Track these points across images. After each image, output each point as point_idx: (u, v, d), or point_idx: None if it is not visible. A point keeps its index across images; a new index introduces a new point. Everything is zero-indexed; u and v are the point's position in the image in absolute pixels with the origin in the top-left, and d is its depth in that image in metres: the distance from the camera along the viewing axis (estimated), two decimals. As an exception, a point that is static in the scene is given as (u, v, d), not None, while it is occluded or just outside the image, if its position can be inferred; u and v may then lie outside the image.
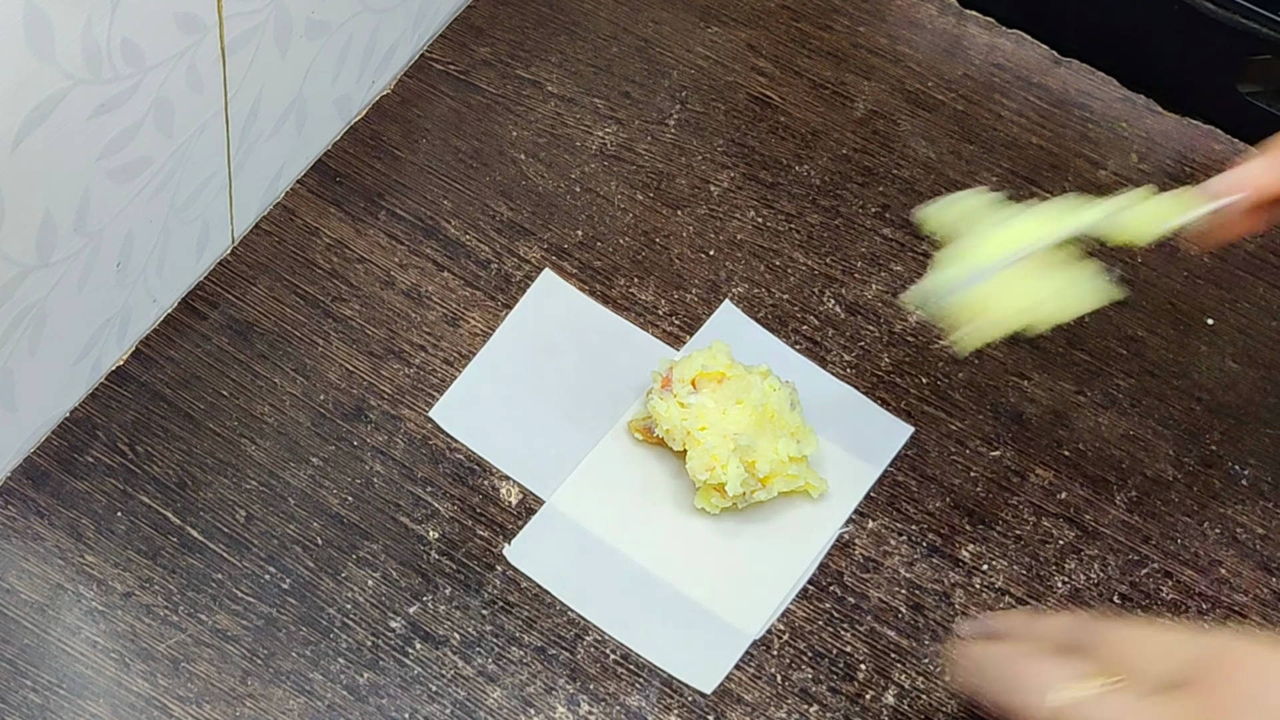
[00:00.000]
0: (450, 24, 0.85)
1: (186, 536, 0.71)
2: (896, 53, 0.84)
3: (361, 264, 0.78)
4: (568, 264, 0.78)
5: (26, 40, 0.58)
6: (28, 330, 0.67)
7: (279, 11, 0.71)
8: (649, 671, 0.69)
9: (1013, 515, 0.72)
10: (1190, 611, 0.70)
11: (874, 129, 0.82)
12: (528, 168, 0.81)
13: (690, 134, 0.82)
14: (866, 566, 0.70)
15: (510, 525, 0.71)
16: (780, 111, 0.83)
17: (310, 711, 0.67)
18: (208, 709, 0.67)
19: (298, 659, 0.68)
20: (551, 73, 0.83)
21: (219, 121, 0.72)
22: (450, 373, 0.75)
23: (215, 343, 0.76)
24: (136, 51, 0.64)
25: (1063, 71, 0.84)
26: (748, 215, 0.79)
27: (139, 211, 0.70)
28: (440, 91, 0.83)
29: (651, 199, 0.80)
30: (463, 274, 0.77)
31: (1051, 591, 0.70)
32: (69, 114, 0.62)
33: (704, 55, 0.84)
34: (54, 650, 0.68)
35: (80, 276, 0.69)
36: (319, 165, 0.80)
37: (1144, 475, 0.73)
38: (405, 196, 0.80)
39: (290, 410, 0.74)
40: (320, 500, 0.72)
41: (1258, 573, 0.71)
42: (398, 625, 0.69)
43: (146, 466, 0.72)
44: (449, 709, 0.68)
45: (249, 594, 0.70)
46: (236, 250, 0.78)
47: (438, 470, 0.73)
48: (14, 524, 0.71)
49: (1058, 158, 0.81)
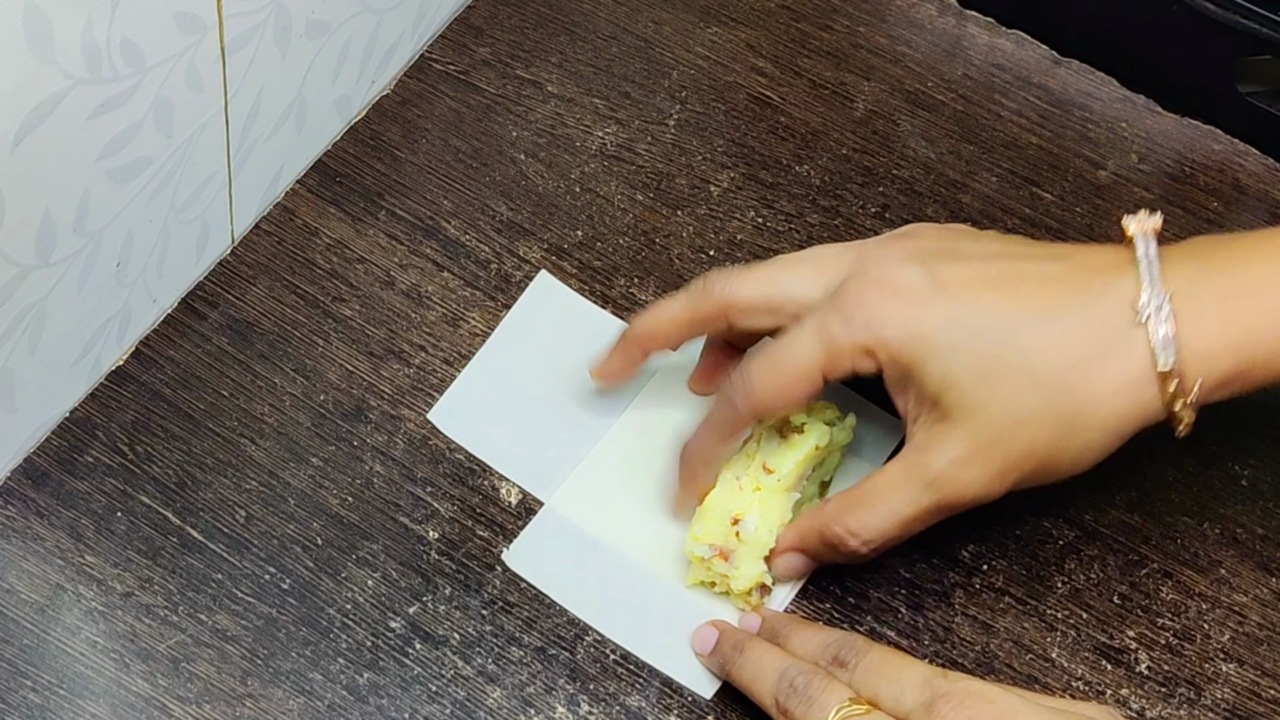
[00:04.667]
0: (450, 24, 0.85)
1: (186, 536, 0.71)
2: (896, 53, 0.84)
3: (361, 264, 0.78)
4: (567, 264, 0.78)
5: (26, 40, 0.58)
6: (28, 330, 0.67)
7: (279, 11, 0.71)
8: (649, 672, 0.68)
9: (1012, 515, 0.72)
10: (1190, 611, 0.70)
11: (874, 129, 0.82)
12: (527, 168, 0.81)
13: (690, 134, 0.82)
14: (866, 566, 0.70)
15: (510, 526, 0.71)
16: (780, 111, 0.83)
17: (310, 711, 0.67)
18: (208, 709, 0.67)
19: (298, 659, 0.68)
20: (551, 73, 0.83)
21: (219, 121, 0.72)
22: (450, 373, 0.75)
23: (215, 343, 0.76)
24: (136, 51, 0.64)
25: (1063, 71, 0.84)
26: (748, 215, 0.79)
27: (139, 211, 0.70)
28: (440, 91, 0.83)
29: (651, 199, 0.80)
30: (463, 274, 0.77)
31: (1051, 591, 0.70)
32: (69, 114, 0.62)
33: (704, 55, 0.84)
34: (54, 650, 0.68)
35: (80, 276, 0.69)
36: (319, 165, 0.81)
37: (1144, 475, 0.73)
38: (405, 196, 0.80)
39: (290, 410, 0.74)
40: (320, 500, 0.72)
41: (1258, 573, 0.71)
42: (398, 625, 0.69)
43: (146, 466, 0.72)
44: (449, 709, 0.67)
45: (249, 594, 0.70)
46: (236, 250, 0.78)
47: (438, 471, 0.73)
48: (14, 524, 0.71)
49: (1058, 158, 0.81)
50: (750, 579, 0.68)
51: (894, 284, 0.64)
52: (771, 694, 0.63)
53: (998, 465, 0.63)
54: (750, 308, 0.67)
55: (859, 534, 0.66)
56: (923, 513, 0.65)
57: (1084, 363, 0.61)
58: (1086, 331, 0.61)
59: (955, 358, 0.62)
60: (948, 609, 0.70)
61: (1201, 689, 0.68)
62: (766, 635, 0.67)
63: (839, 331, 0.64)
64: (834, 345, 0.64)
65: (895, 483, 0.65)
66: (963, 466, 0.63)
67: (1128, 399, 0.62)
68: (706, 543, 0.68)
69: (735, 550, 0.67)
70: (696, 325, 0.69)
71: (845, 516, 0.66)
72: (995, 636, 0.69)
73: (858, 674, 0.62)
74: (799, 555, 0.68)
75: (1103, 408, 0.62)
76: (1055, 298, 0.62)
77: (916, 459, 0.64)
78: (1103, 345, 0.61)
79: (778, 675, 0.63)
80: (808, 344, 0.65)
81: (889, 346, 0.63)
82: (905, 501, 0.65)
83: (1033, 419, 0.62)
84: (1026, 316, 0.62)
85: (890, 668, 0.62)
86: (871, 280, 0.64)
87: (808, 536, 0.67)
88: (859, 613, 0.70)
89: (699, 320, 0.69)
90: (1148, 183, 0.80)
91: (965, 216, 0.79)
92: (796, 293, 0.66)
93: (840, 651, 0.63)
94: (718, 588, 0.69)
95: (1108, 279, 0.62)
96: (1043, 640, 0.69)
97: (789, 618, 0.68)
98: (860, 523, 0.66)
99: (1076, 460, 0.63)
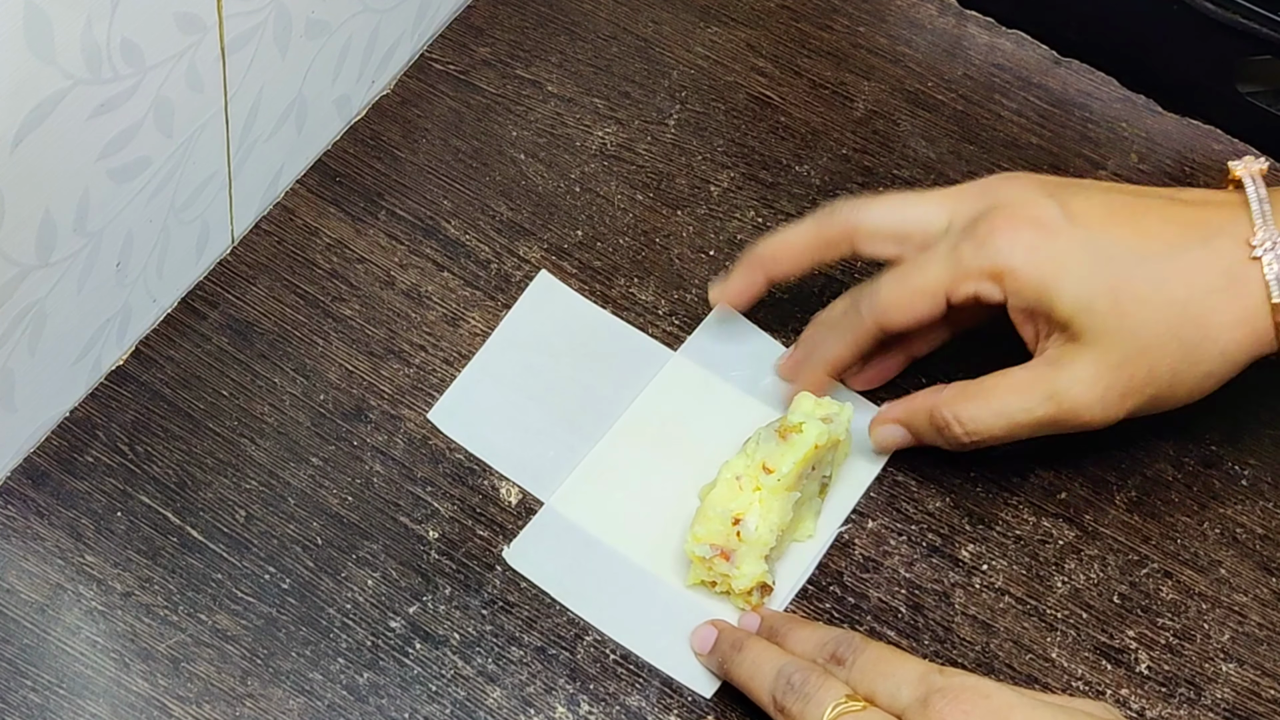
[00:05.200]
0: (450, 24, 0.85)
1: (186, 536, 0.71)
2: (896, 53, 0.84)
3: (361, 264, 0.78)
4: (567, 264, 0.78)
5: (26, 40, 0.58)
6: (28, 330, 0.67)
7: (279, 11, 0.71)
8: (649, 671, 0.69)
9: (1012, 515, 0.72)
10: (1190, 611, 0.70)
11: (874, 129, 0.82)
12: (527, 168, 0.81)
13: (690, 134, 0.82)
14: (866, 566, 0.70)
15: (510, 525, 0.71)
16: (780, 111, 0.83)
17: (310, 711, 0.67)
18: (208, 709, 0.67)
19: (298, 659, 0.68)
20: (551, 73, 0.83)
21: (219, 121, 0.72)
22: (450, 373, 0.75)
23: (215, 343, 0.76)
24: (136, 51, 0.64)
25: (1063, 71, 0.84)
26: (748, 215, 0.79)
27: (139, 211, 0.70)
28: (440, 91, 0.83)
29: (651, 199, 0.80)
30: (463, 274, 0.77)
31: (1051, 591, 0.70)
32: (69, 114, 0.62)
33: (704, 55, 0.84)
34: (54, 650, 0.68)
35: (80, 276, 0.69)
36: (319, 165, 0.81)
37: (1144, 475, 0.73)
38: (405, 196, 0.80)
39: (290, 410, 0.74)
40: (320, 500, 0.72)
41: (1258, 573, 0.71)
42: (398, 625, 0.69)
43: (146, 466, 0.72)
44: (449, 709, 0.68)
45: (249, 594, 0.70)
46: (236, 250, 0.78)
47: (437, 470, 0.73)
48: (14, 524, 0.71)
49: (1058, 158, 0.81)
50: (751, 578, 0.68)
51: (1027, 214, 0.66)
52: (769, 691, 0.63)
53: (1121, 387, 0.66)
54: (876, 233, 0.70)
55: (967, 424, 0.68)
56: (1035, 421, 0.67)
57: (1206, 294, 0.65)
58: (1207, 265, 0.65)
59: (1088, 283, 0.65)
60: (948, 609, 0.70)
61: (1201, 689, 0.68)
62: (765, 634, 0.67)
63: (970, 255, 0.67)
64: (963, 267, 0.67)
65: (1018, 386, 0.67)
66: (1089, 385, 0.66)
67: (1246, 330, 0.65)
68: (707, 542, 0.68)
69: (736, 550, 0.67)
70: (820, 249, 0.71)
71: (959, 404, 0.68)
72: (995, 636, 0.69)
73: (854, 671, 0.63)
74: (900, 429, 0.70)
75: (1223, 337, 0.65)
76: (1178, 232, 0.65)
77: (1045, 370, 0.67)
78: (1223, 279, 0.65)
79: (775, 673, 0.63)
80: (938, 264, 0.67)
81: (1018, 273, 0.66)
82: (1022, 407, 0.67)
83: (1159, 344, 0.65)
84: (1153, 248, 0.65)
85: (886, 664, 0.62)
86: (1005, 210, 0.67)
87: (917, 414, 0.69)
88: (859, 613, 0.70)
89: (824, 244, 0.71)
90: (1148, 183, 0.80)
91: (965, 216, 0.79)
92: (924, 222, 0.69)
93: (838, 649, 0.64)
94: (718, 587, 0.69)
95: (1224, 218, 0.66)
96: (1043, 640, 0.69)
97: (788, 617, 0.68)
98: (971, 414, 0.68)
99: (1194, 389, 0.67)
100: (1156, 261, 0.65)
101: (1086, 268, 0.65)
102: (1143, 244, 0.66)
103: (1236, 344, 0.65)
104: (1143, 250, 0.66)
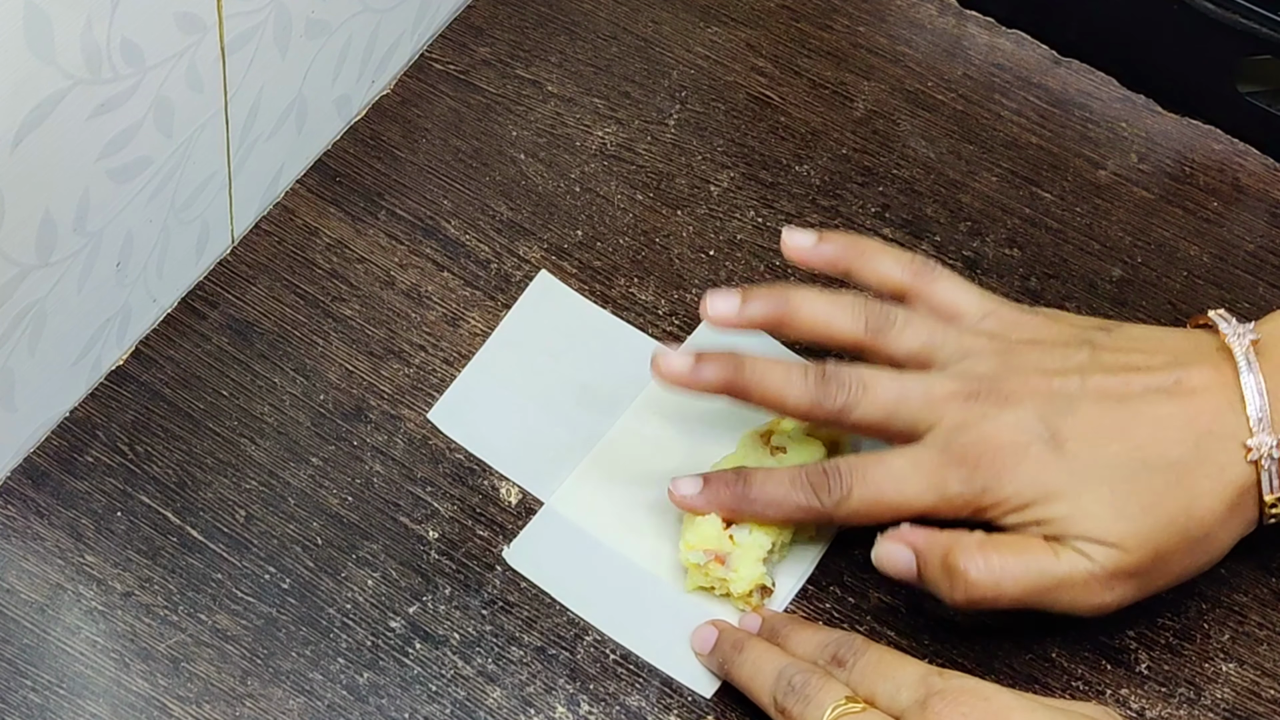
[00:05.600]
0: (450, 24, 0.85)
1: (186, 536, 0.71)
2: (896, 53, 0.84)
3: (361, 264, 0.78)
4: (567, 264, 0.78)
5: (26, 40, 0.58)
6: (28, 330, 0.67)
7: (279, 11, 0.71)
8: (649, 671, 0.69)
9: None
10: (1190, 611, 0.70)
11: (874, 129, 0.82)
12: (527, 168, 0.81)
13: (690, 134, 0.82)
14: (866, 566, 0.70)
15: (510, 525, 0.71)
16: (780, 111, 0.83)
17: (310, 711, 0.67)
18: (208, 709, 0.67)
19: (298, 659, 0.68)
20: (551, 73, 0.83)
21: (219, 121, 0.72)
22: (450, 373, 0.75)
23: (215, 343, 0.76)
24: (136, 51, 0.64)
25: (1063, 71, 0.84)
26: (748, 215, 0.79)
27: (139, 211, 0.70)
28: (440, 91, 0.83)
29: (651, 199, 0.80)
30: (463, 274, 0.77)
31: (1051, 591, 0.70)
32: (69, 114, 0.62)
33: (704, 55, 0.84)
34: (54, 650, 0.68)
35: (80, 276, 0.69)
36: (319, 165, 0.81)
37: (1144, 475, 0.73)
38: (405, 196, 0.80)
39: (290, 410, 0.74)
40: (320, 500, 0.72)
41: (1258, 573, 0.71)
42: (398, 625, 0.69)
43: (146, 466, 0.72)
44: (449, 709, 0.68)
45: (249, 594, 0.70)
46: (236, 250, 0.78)
47: (437, 470, 0.73)
48: (14, 524, 0.71)
49: (1058, 158, 0.81)
50: (749, 581, 0.68)
51: (1012, 444, 0.65)
52: (769, 692, 0.63)
53: (1135, 589, 0.66)
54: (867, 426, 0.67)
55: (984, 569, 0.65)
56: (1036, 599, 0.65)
57: (1204, 496, 0.64)
58: (1204, 470, 0.64)
59: (1085, 501, 0.64)
60: (948, 609, 0.70)
61: (1201, 689, 0.68)
62: (766, 635, 0.67)
63: (957, 489, 0.65)
64: (948, 497, 0.65)
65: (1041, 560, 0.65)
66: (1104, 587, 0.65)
67: (1240, 519, 0.66)
68: (700, 548, 0.68)
69: (731, 553, 0.67)
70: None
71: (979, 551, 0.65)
72: (995, 636, 0.69)
73: (855, 673, 0.63)
74: (908, 553, 0.66)
75: (1222, 533, 0.66)
76: (1172, 441, 0.65)
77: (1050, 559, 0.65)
78: (1219, 484, 0.64)
79: (776, 674, 0.63)
80: (921, 486, 0.65)
81: (1009, 503, 0.65)
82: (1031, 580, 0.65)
83: (1171, 550, 0.65)
84: (1148, 461, 0.64)
85: (887, 666, 0.62)
86: (988, 434, 0.65)
87: (932, 548, 0.66)
88: (859, 613, 0.70)
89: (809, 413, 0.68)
90: (1147, 183, 0.80)
91: (965, 216, 0.79)
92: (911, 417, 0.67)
93: (838, 651, 0.64)
94: (717, 591, 0.69)
95: (1218, 420, 0.65)
96: (1043, 640, 0.69)
97: (788, 618, 0.68)
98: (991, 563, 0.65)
99: (1196, 573, 0.67)
100: (1151, 474, 0.64)
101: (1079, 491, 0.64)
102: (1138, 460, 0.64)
103: (1232, 534, 0.66)
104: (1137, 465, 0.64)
